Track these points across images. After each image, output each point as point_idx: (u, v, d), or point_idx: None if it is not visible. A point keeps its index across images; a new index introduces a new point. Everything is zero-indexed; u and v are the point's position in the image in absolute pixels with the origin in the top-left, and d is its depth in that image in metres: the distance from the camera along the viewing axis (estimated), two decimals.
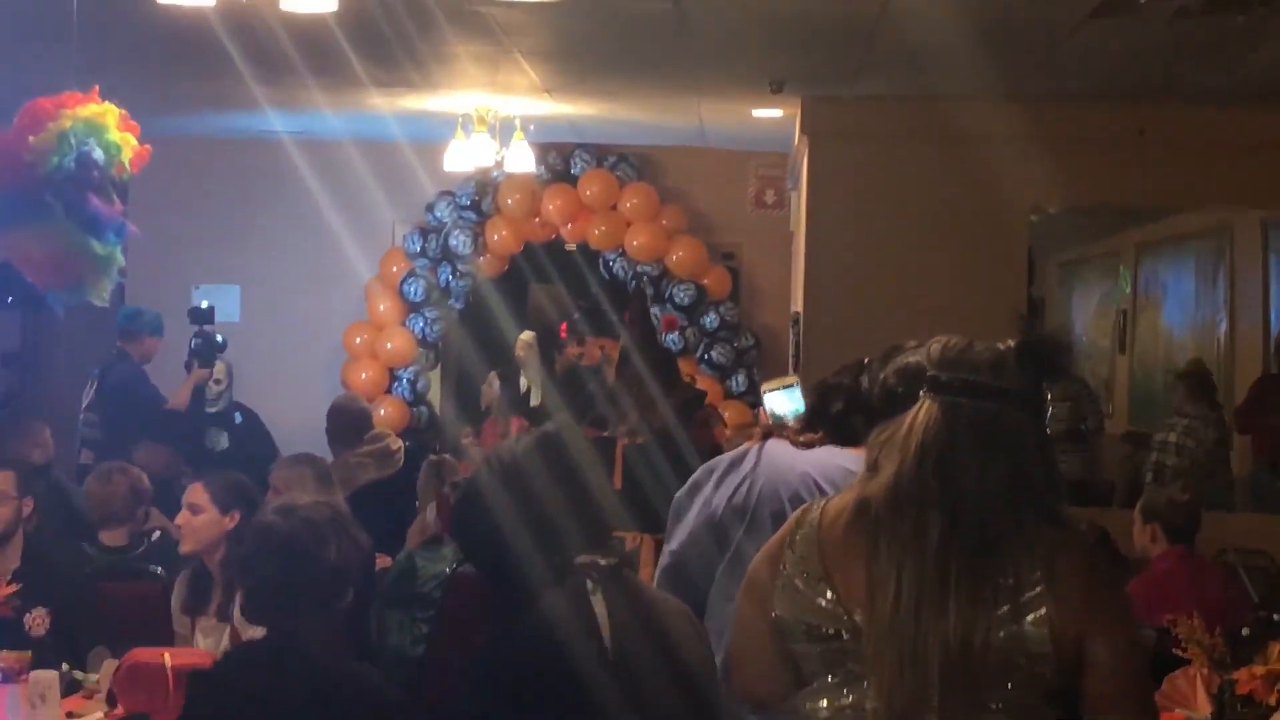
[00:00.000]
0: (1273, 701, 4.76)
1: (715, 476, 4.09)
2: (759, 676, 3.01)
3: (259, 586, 4.31)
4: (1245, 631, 5.11)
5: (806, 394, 4.40)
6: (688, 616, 3.55)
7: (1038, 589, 2.76)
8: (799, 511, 3.01)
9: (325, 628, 4.09)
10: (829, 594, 2.86)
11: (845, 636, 2.83)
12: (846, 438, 3.95)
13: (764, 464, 3.99)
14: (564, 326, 10.91)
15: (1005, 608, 2.75)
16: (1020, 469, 2.84)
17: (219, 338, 10.03)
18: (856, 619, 2.81)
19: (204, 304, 10.29)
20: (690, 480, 4.20)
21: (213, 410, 10.00)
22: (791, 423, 4.26)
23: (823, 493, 3.80)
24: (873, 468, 2.90)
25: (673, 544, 4.09)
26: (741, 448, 4.15)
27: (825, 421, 4.03)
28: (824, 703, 2.87)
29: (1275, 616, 5.10)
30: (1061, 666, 2.75)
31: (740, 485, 3.98)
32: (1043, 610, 2.75)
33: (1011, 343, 2.93)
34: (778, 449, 4.03)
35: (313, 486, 7.37)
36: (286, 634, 4.17)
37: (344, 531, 4.39)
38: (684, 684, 3.36)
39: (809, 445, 4.02)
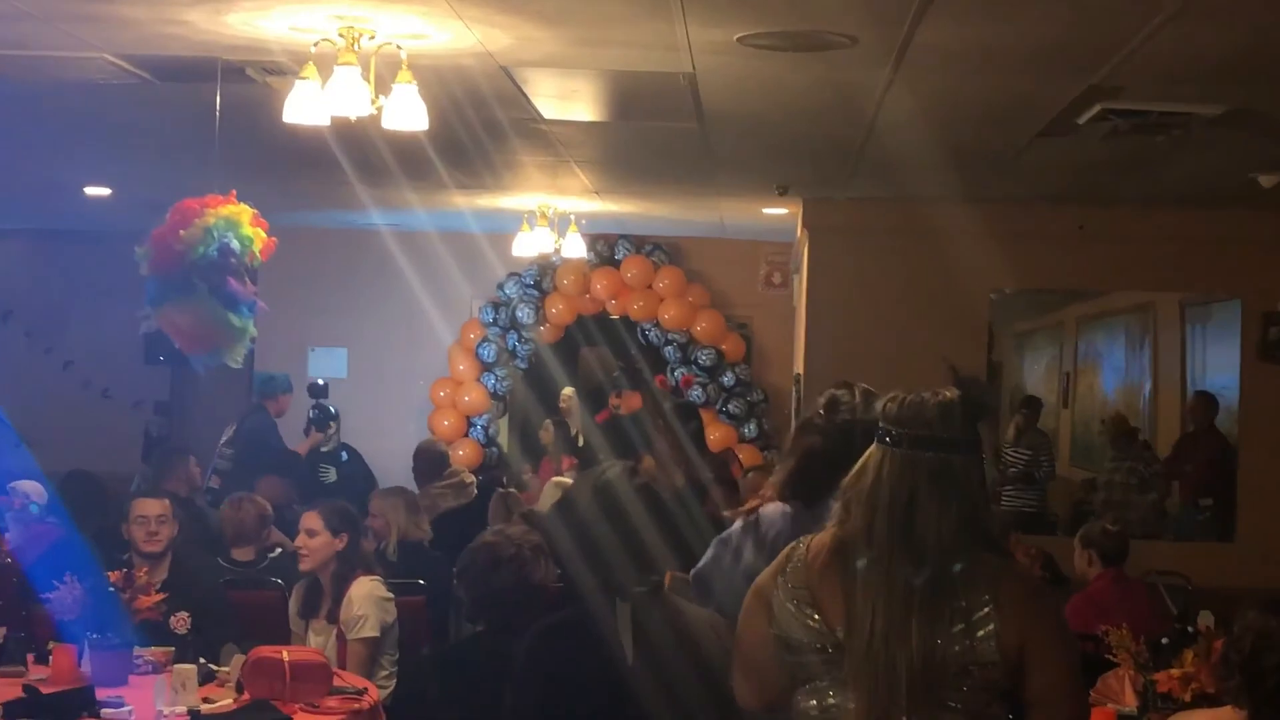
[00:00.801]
0: (1187, 698, 4.75)
1: (733, 547, 3.96)
2: (760, 678, 2.99)
3: (485, 592, 4.34)
4: (1165, 641, 5.09)
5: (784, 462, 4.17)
6: (711, 623, 3.54)
7: (986, 609, 2.76)
8: (789, 547, 2.99)
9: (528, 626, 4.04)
10: (815, 616, 2.85)
11: (830, 650, 2.83)
12: (813, 496, 3.80)
13: (768, 525, 3.91)
14: (613, 398, 10.98)
15: (960, 626, 2.75)
16: (970, 507, 2.82)
17: (331, 408, 10.08)
18: (839, 635, 2.82)
19: (320, 381, 10.34)
20: (709, 555, 4.06)
21: (324, 450, 10.06)
22: (770, 490, 4.11)
23: None
24: (845, 510, 2.88)
25: (710, 605, 3.99)
26: (739, 523, 4.01)
27: (802, 489, 3.90)
28: (814, 702, 2.87)
29: (1189, 629, 5.07)
30: (1008, 671, 2.76)
31: (761, 545, 3.88)
32: (990, 626, 2.75)
33: (949, 392, 2.89)
34: (773, 512, 3.95)
35: (403, 513, 7.39)
36: (500, 630, 4.19)
37: (545, 555, 4.42)
38: (707, 678, 3.37)
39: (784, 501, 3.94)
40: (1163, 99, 6.11)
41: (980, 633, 2.75)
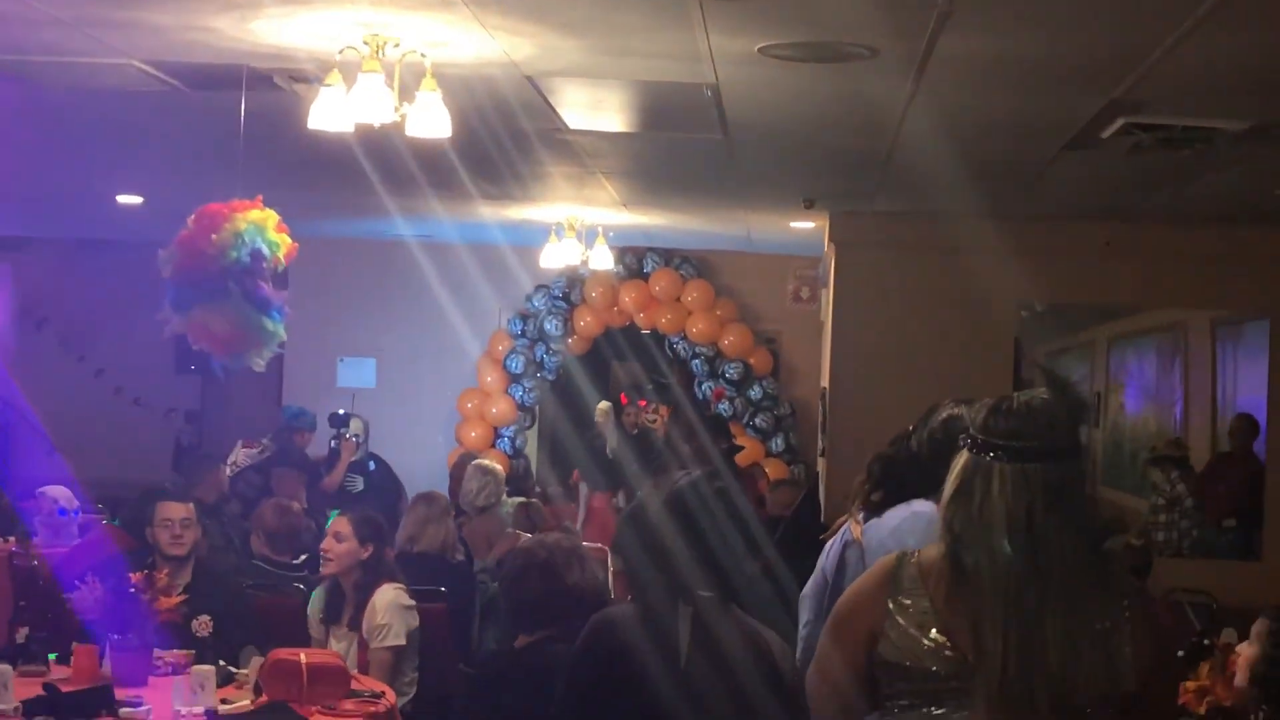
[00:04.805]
0: (1202, 711, 4.73)
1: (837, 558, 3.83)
2: (843, 701, 2.79)
3: (517, 599, 4.37)
4: (1180, 654, 5.07)
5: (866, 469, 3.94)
6: (778, 641, 3.52)
7: (1125, 630, 2.62)
8: (892, 564, 2.75)
9: (570, 634, 3.92)
10: (942, 639, 2.64)
11: (953, 674, 2.63)
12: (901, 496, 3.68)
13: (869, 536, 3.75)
14: (623, 397, 10.95)
15: (1099, 651, 2.59)
16: (1086, 518, 2.63)
17: (353, 438, 10.11)
18: (969, 658, 2.62)
19: (341, 411, 10.35)
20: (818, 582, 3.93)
21: (353, 459, 10.12)
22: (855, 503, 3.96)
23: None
24: (949, 531, 2.66)
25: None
26: (841, 536, 3.86)
27: (887, 489, 3.72)
28: None
29: (1206, 642, 5.04)
30: (1138, 690, 2.63)
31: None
32: (1127, 650, 2.61)
33: (1043, 394, 2.70)
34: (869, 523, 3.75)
35: (437, 518, 7.39)
36: (548, 638, 4.21)
37: (584, 560, 4.44)
38: (774, 686, 3.38)
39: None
40: (1186, 113, 6.09)
41: (1118, 657, 2.61)
